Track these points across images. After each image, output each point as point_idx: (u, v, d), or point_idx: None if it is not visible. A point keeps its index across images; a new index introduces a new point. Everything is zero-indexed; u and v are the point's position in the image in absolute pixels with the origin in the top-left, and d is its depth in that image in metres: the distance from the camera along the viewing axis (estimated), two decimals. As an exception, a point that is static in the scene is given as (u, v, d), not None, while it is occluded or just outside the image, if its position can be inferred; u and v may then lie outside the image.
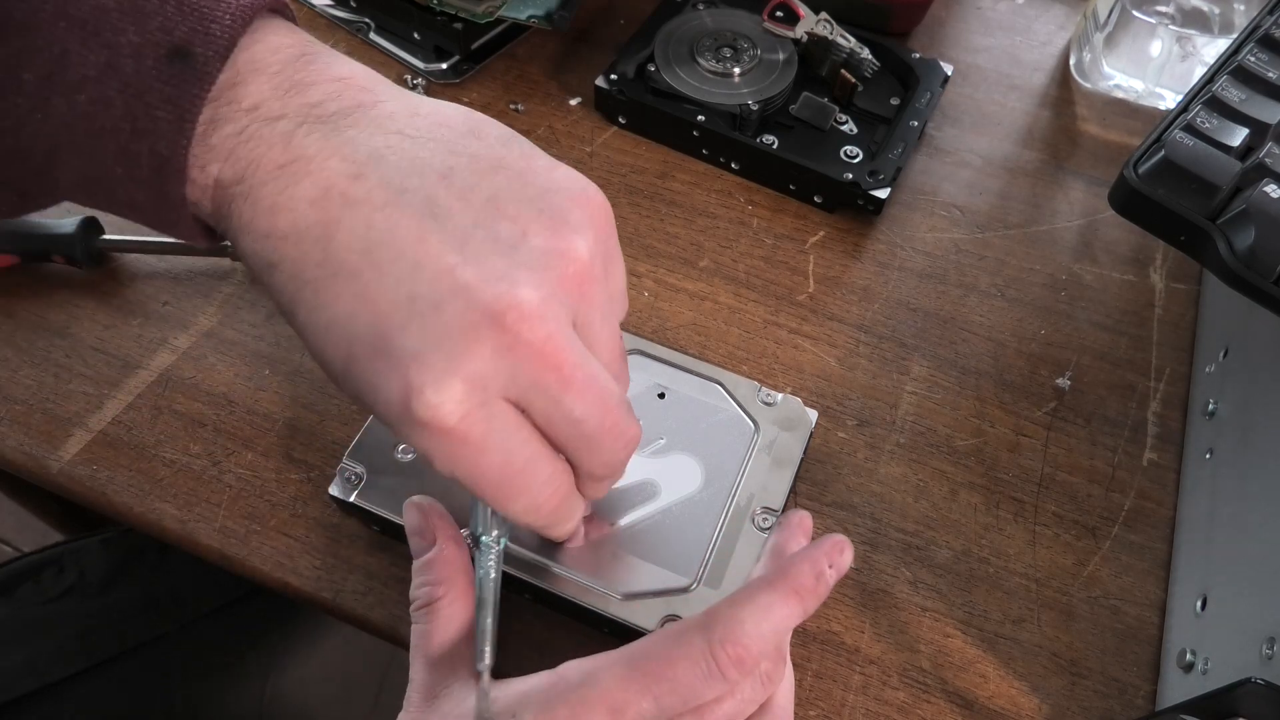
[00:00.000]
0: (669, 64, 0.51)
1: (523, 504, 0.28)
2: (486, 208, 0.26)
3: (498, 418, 0.26)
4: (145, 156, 0.26)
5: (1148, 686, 0.36)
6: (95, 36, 0.25)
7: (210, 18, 0.25)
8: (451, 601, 0.32)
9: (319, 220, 0.25)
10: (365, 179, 0.25)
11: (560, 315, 0.26)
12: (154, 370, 0.42)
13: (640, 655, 0.28)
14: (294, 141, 0.25)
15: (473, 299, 0.24)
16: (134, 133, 0.25)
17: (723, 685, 0.27)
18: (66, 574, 0.55)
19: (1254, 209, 0.32)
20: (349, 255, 0.25)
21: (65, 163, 0.26)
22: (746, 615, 0.28)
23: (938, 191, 0.51)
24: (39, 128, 0.25)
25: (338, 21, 0.57)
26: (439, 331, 0.24)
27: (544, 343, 0.25)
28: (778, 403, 0.39)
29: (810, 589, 0.29)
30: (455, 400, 0.24)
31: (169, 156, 0.25)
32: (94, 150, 0.26)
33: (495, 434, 0.26)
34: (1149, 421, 0.43)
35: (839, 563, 0.30)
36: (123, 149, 0.26)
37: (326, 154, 0.25)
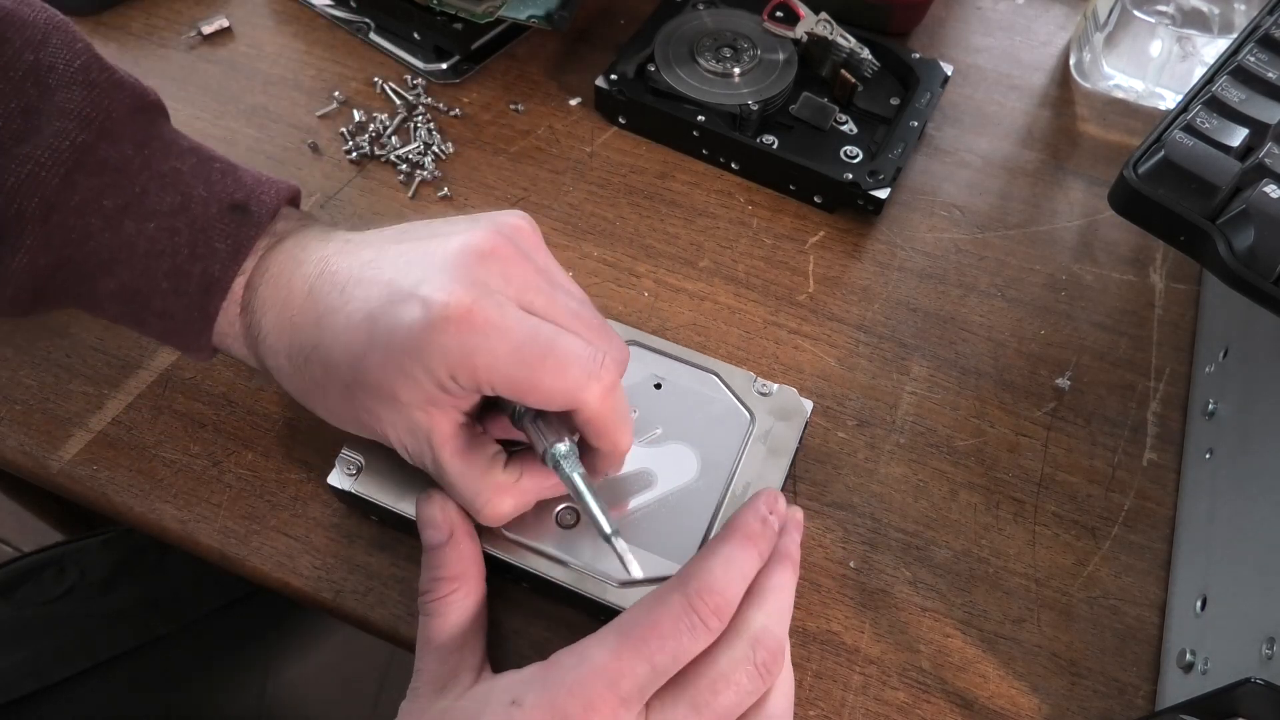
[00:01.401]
0: (669, 64, 0.51)
1: (572, 373, 0.30)
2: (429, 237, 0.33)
3: (508, 305, 0.30)
4: (197, 276, 0.33)
5: (1148, 686, 0.36)
6: (172, 186, 0.33)
7: (262, 190, 0.34)
8: (465, 595, 0.33)
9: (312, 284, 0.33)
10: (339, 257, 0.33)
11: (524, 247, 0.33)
12: (154, 370, 0.42)
13: (626, 624, 0.29)
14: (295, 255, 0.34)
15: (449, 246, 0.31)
16: (192, 257, 0.33)
17: (707, 635, 0.29)
18: (67, 574, 0.55)
19: (1254, 209, 0.32)
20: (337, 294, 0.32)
21: (115, 274, 0.33)
22: (714, 565, 0.30)
23: (938, 191, 0.51)
24: (105, 241, 0.32)
25: (338, 22, 0.57)
26: (428, 268, 0.31)
27: (524, 252, 0.32)
28: (773, 393, 0.39)
29: (759, 533, 0.32)
30: (463, 290, 0.30)
31: (219, 277, 0.33)
32: (148, 267, 0.33)
33: (511, 315, 0.30)
34: (1149, 421, 0.43)
35: (778, 509, 0.34)
36: (177, 268, 0.33)
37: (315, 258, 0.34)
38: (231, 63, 0.54)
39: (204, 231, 0.33)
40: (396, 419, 0.32)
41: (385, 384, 0.31)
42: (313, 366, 0.32)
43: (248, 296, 0.34)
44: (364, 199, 0.49)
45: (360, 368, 0.31)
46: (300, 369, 0.33)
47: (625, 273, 0.47)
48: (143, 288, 0.33)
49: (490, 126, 0.52)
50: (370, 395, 0.31)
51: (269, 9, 0.57)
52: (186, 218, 0.33)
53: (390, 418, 0.32)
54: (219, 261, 0.33)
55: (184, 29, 0.56)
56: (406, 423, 0.32)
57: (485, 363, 0.30)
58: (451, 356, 0.29)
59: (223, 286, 0.33)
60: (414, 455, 0.33)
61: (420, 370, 0.30)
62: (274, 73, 0.54)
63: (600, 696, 0.28)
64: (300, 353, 0.33)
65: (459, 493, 0.33)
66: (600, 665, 0.28)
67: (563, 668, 0.29)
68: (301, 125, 0.52)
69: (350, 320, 0.31)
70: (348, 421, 0.33)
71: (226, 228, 0.33)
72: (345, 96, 0.53)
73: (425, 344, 0.29)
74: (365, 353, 0.31)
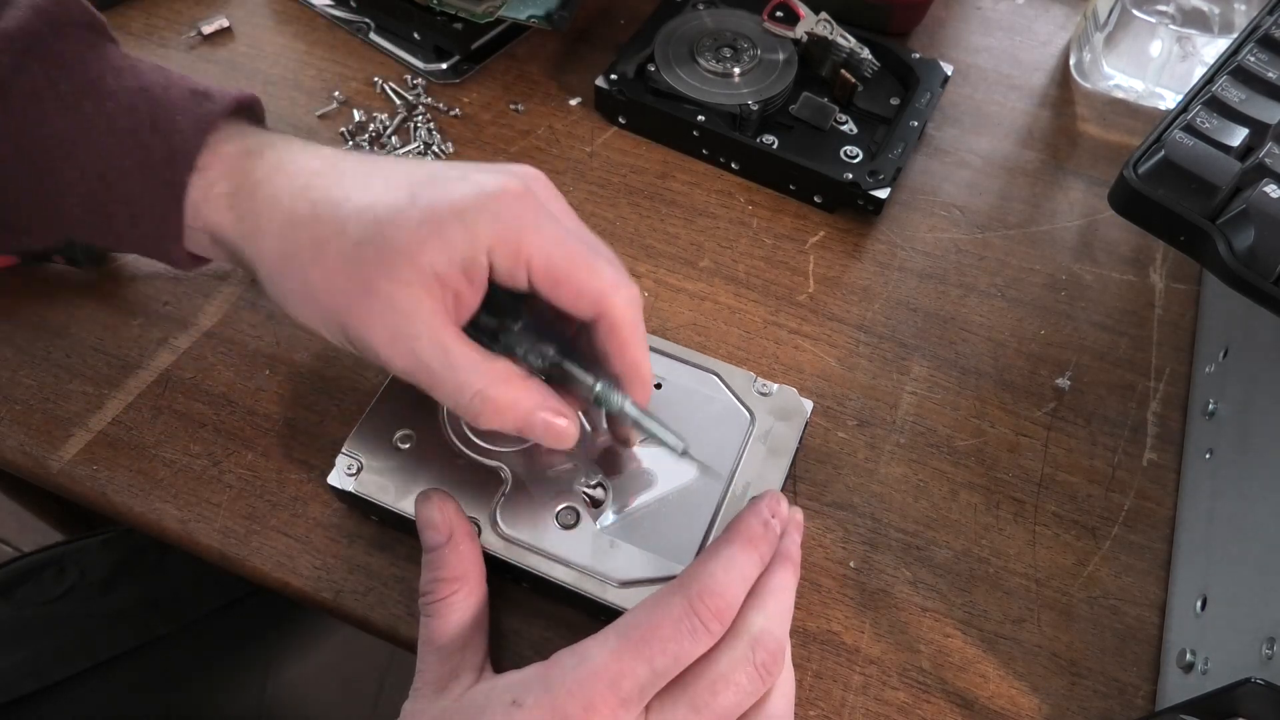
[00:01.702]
0: (669, 64, 0.51)
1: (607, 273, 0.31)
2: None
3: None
4: (160, 150, 0.31)
5: (1148, 686, 0.36)
6: (129, 73, 0.32)
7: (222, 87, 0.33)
8: (466, 596, 0.33)
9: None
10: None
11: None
12: (154, 370, 0.42)
13: (628, 626, 0.29)
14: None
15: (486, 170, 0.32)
16: (154, 130, 0.31)
17: (708, 638, 0.29)
18: (67, 574, 0.55)
19: (1254, 209, 0.32)
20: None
21: (75, 160, 0.31)
22: (716, 568, 0.30)
23: (938, 191, 0.51)
24: (62, 125, 0.31)
25: (338, 22, 0.57)
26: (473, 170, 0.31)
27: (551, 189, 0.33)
28: (773, 393, 0.39)
29: (761, 536, 0.32)
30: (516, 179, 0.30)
31: (183, 149, 0.31)
32: (109, 147, 0.31)
33: (557, 212, 0.31)
34: (1149, 421, 0.43)
35: (780, 512, 0.33)
36: (140, 144, 0.31)
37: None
38: (231, 63, 0.54)
39: (165, 108, 0.32)
40: (395, 292, 0.29)
41: (408, 242, 0.29)
42: (322, 222, 0.30)
43: (237, 182, 0.32)
44: (364, 199, 0.49)
45: (388, 222, 0.29)
46: (304, 224, 0.31)
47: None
48: (105, 170, 0.31)
49: (490, 126, 0.52)
50: (381, 254, 0.29)
51: (269, 9, 0.57)
52: (146, 97, 0.32)
53: (389, 289, 0.29)
54: (181, 134, 0.31)
55: (184, 29, 0.56)
56: (406, 297, 0.29)
57: (533, 240, 0.29)
58: (502, 224, 0.29)
59: (188, 157, 0.31)
60: (400, 337, 0.30)
61: (461, 232, 0.29)
62: (274, 73, 0.54)
63: (601, 697, 0.28)
64: (311, 209, 0.31)
65: (456, 379, 0.30)
66: (601, 666, 0.28)
67: (563, 668, 0.29)
68: (301, 125, 0.52)
69: (392, 182, 0.30)
70: (326, 293, 0.31)
71: (188, 105, 0.32)
72: (345, 96, 0.53)
73: (477, 208, 0.29)
74: (402, 209, 0.30)
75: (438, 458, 0.37)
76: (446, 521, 0.33)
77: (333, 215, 0.30)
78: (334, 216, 0.30)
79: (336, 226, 0.30)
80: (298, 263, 0.31)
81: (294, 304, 0.32)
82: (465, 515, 0.34)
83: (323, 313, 0.31)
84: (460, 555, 0.33)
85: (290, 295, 0.32)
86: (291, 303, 0.32)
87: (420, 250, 0.29)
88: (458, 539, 0.33)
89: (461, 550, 0.33)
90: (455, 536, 0.33)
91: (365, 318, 0.30)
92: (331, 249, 0.30)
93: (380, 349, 0.30)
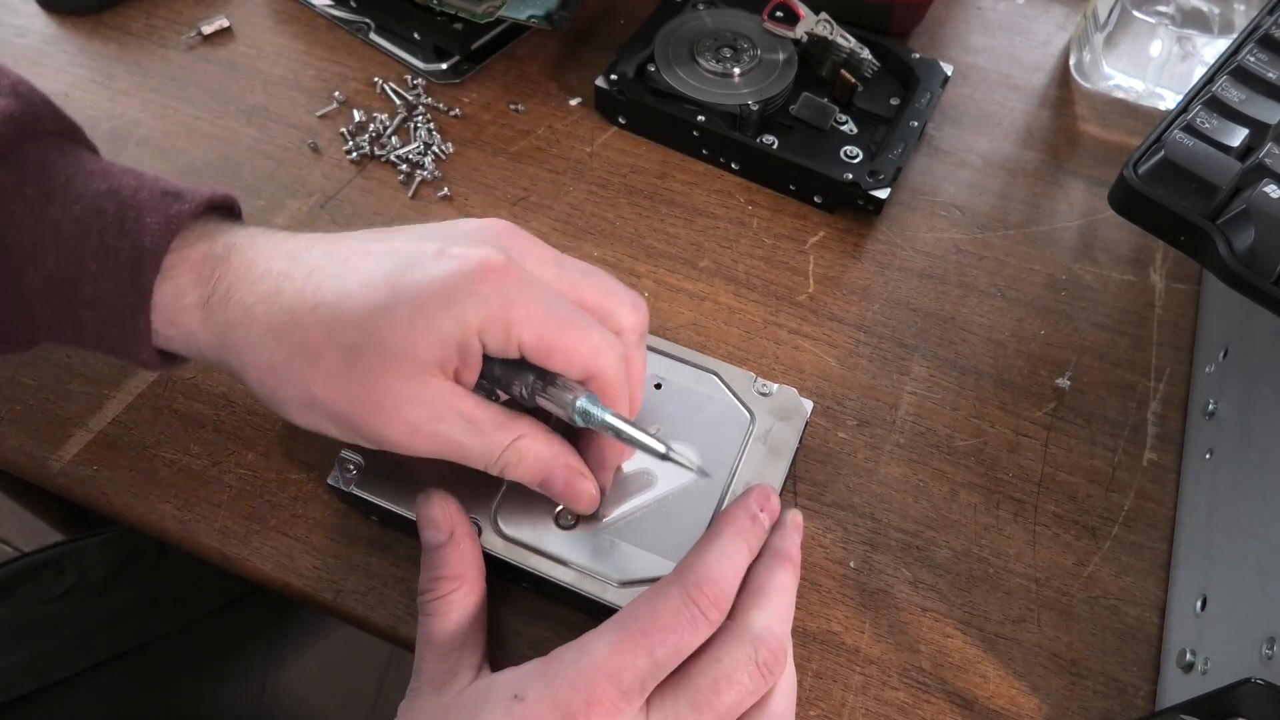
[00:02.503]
0: (669, 64, 0.51)
1: (594, 336, 0.31)
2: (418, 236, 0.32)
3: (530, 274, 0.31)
4: (127, 251, 0.31)
5: (1148, 686, 0.36)
6: (99, 176, 0.32)
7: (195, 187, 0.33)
8: (465, 594, 0.33)
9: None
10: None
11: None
12: (154, 370, 0.42)
13: (627, 619, 0.29)
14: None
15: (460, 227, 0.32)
16: (120, 233, 0.31)
17: (707, 627, 0.29)
18: (66, 574, 0.55)
19: (1254, 209, 0.32)
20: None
21: (40, 265, 0.31)
22: (710, 558, 0.31)
23: (938, 191, 0.51)
24: (28, 228, 0.31)
25: (338, 22, 0.57)
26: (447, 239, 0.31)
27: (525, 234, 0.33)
28: (773, 393, 0.39)
29: (749, 529, 0.33)
30: (494, 250, 0.30)
31: (150, 249, 0.31)
32: (74, 250, 0.31)
33: (539, 276, 0.31)
34: (1149, 421, 0.43)
35: (768, 506, 0.34)
36: (105, 246, 0.31)
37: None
38: (231, 63, 0.54)
39: (133, 209, 0.31)
40: (406, 388, 0.30)
41: (404, 340, 0.29)
42: (305, 330, 0.30)
43: (210, 288, 0.31)
44: (364, 199, 0.49)
45: (377, 323, 0.29)
46: (286, 333, 0.30)
47: (625, 273, 0.47)
48: (71, 273, 0.31)
49: (490, 126, 0.52)
50: (381, 356, 0.29)
51: (269, 9, 0.57)
52: (114, 199, 0.31)
53: (399, 387, 0.29)
54: (149, 235, 0.31)
55: (184, 29, 0.56)
56: (419, 389, 0.30)
57: (520, 316, 0.29)
58: (489, 307, 0.29)
59: (154, 258, 0.31)
60: (422, 426, 0.30)
61: (450, 321, 0.29)
62: (274, 73, 0.54)
63: (602, 689, 0.28)
64: (289, 316, 0.30)
65: (487, 445, 0.31)
66: (601, 659, 0.28)
67: (563, 662, 0.29)
68: (301, 125, 0.52)
69: (367, 279, 0.30)
70: (331, 400, 0.30)
71: (157, 205, 0.31)
72: (345, 96, 0.53)
73: (462, 293, 0.29)
74: (388, 306, 0.29)
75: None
76: (448, 520, 0.33)
77: (314, 321, 0.30)
78: (316, 322, 0.30)
79: (324, 333, 0.30)
80: (292, 372, 0.30)
81: (295, 411, 0.31)
82: (466, 515, 0.34)
83: (331, 417, 0.31)
84: (460, 554, 0.33)
85: (289, 404, 0.31)
86: (293, 410, 0.31)
87: (417, 346, 0.29)
88: (458, 537, 0.33)
89: (462, 549, 0.33)
90: (456, 535, 0.33)
91: (381, 416, 0.30)
92: (327, 357, 0.30)
93: (402, 440, 0.31)
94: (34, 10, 0.56)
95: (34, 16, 0.55)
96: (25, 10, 0.56)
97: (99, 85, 0.52)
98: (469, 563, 0.33)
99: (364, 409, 0.30)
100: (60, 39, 0.54)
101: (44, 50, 0.54)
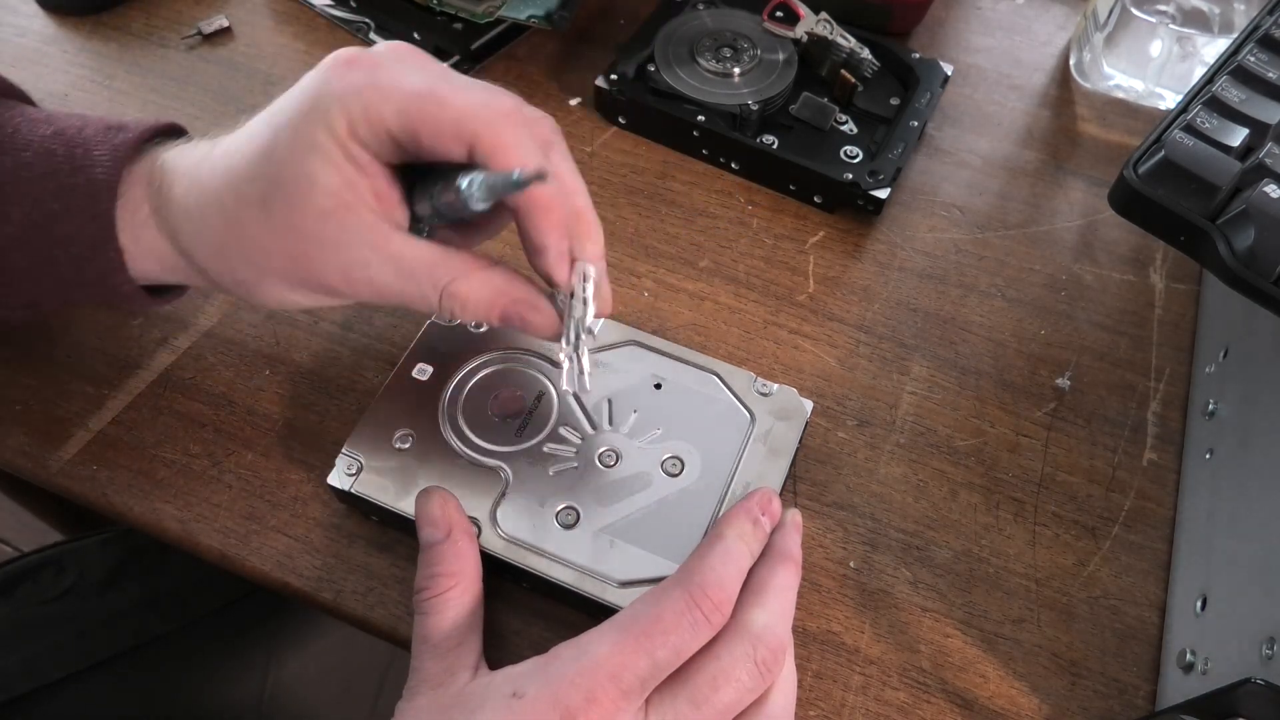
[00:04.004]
0: (669, 64, 0.51)
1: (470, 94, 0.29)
2: None
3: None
4: (83, 186, 0.31)
5: (1148, 686, 0.36)
6: (44, 121, 0.33)
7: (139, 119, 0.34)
8: (462, 593, 0.33)
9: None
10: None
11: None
12: (154, 370, 0.42)
13: (628, 619, 0.29)
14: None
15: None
16: (73, 170, 0.31)
17: (708, 629, 0.29)
18: (66, 574, 0.55)
19: (1254, 209, 0.32)
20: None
21: (8, 217, 0.32)
22: (714, 561, 0.31)
23: (938, 191, 0.51)
24: None
25: (338, 22, 0.57)
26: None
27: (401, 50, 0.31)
28: (773, 393, 0.39)
29: (751, 532, 0.33)
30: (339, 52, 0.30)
31: (104, 179, 0.31)
32: (34, 194, 0.31)
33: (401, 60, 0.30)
34: (1149, 421, 0.43)
35: (770, 509, 0.34)
36: (62, 186, 0.31)
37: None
38: (231, 63, 0.54)
39: (81, 145, 0.32)
40: (321, 226, 0.29)
41: (296, 170, 0.28)
42: (223, 201, 0.30)
43: (156, 196, 0.32)
44: (364, 199, 0.49)
45: (269, 163, 0.29)
46: (212, 212, 0.31)
47: (625, 273, 0.47)
48: (37, 218, 0.32)
49: (490, 126, 0.52)
50: (285, 199, 0.29)
51: (269, 9, 0.57)
52: (62, 140, 0.32)
53: (315, 226, 0.29)
54: (101, 167, 0.32)
55: (184, 29, 0.56)
56: (333, 225, 0.29)
57: (374, 97, 0.28)
58: (344, 100, 0.28)
59: (110, 188, 0.31)
60: (351, 271, 0.30)
61: (322, 132, 0.28)
62: (274, 73, 0.54)
63: (601, 689, 0.28)
64: (210, 195, 0.31)
65: (419, 288, 0.30)
66: (602, 658, 0.28)
67: (564, 660, 0.29)
68: (301, 125, 0.52)
69: (251, 131, 0.30)
70: (273, 262, 0.30)
71: (103, 139, 0.32)
72: (345, 96, 0.53)
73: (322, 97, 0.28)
74: (271, 142, 0.29)
75: (437, 458, 0.37)
76: (446, 518, 0.33)
77: (226, 188, 0.30)
78: (228, 188, 0.30)
79: (236, 197, 0.30)
80: (232, 248, 0.31)
81: (258, 291, 0.31)
82: (465, 514, 0.34)
83: (281, 282, 0.31)
84: (458, 552, 0.33)
85: (246, 285, 0.31)
86: (255, 292, 0.32)
87: (312, 172, 0.28)
88: (455, 536, 0.33)
89: (459, 547, 0.33)
90: (453, 533, 0.33)
91: (312, 267, 0.30)
92: (247, 219, 0.30)
93: (343, 287, 0.30)
94: (34, 10, 0.56)
95: (34, 16, 0.55)
96: (25, 10, 0.56)
97: (99, 85, 0.52)
98: (466, 561, 0.33)
99: (298, 261, 0.30)
100: (60, 39, 0.54)
101: (44, 50, 0.54)
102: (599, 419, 0.38)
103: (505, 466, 0.36)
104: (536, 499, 0.36)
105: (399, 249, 0.30)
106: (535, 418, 0.38)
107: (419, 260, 0.30)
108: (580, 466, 0.37)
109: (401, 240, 0.30)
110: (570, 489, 0.36)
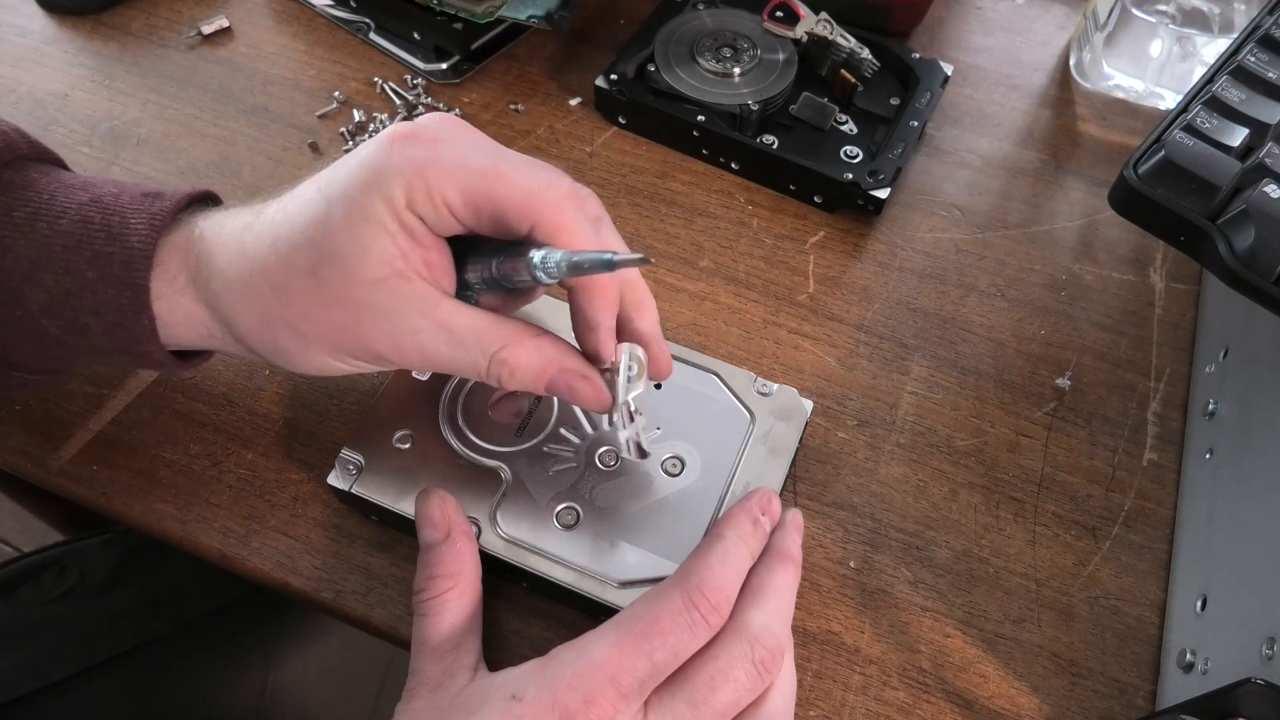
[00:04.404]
0: (669, 64, 0.51)
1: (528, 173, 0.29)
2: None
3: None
4: (119, 255, 0.31)
5: (1148, 686, 0.36)
6: (81, 189, 0.33)
7: (174, 187, 0.34)
8: (461, 594, 0.33)
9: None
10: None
11: None
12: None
13: (627, 621, 0.29)
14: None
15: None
16: (109, 238, 0.31)
17: (707, 631, 0.29)
18: (67, 574, 0.55)
19: (1254, 209, 0.32)
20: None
21: (40, 282, 0.31)
22: (712, 563, 0.31)
23: (938, 191, 0.51)
24: (22, 251, 0.31)
25: (338, 22, 0.57)
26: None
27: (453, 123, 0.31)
28: (773, 393, 0.39)
29: (751, 533, 0.33)
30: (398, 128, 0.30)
31: (139, 248, 0.31)
32: (68, 262, 0.31)
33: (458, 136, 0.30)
34: (1149, 421, 0.43)
35: (770, 510, 0.34)
36: (97, 254, 0.31)
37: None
38: (231, 63, 0.54)
39: (117, 214, 0.32)
40: (373, 296, 0.29)
41: (350, 242, 0.28)
42: (270, 269, 0.30)
43: (194, 264, 0.32)
44: (364, 199, 0.49)
45: (322, 233, 0.29)
46: (256, 280, 0.30)
47: (625, 273, 0.47)
48: (71, 285, 0.31)
49: (490, 126, 0.52)
50: (336, 267, 0.29)
51: (269, 9, 0.57)
52: (98, 208, 0.32)
53: (367, 297, 0.29)
54: (137, 236, 0.31)
55: (184, 29, 0.56)
56: (386, 295, 0.29)
57: (437, 175, 0.28)
58: (405, 175, 0.28)
59: (145, 257, 0.31)
60: (400, 339, 0.30)
61: (380, 205, 0.28)
62: (274, 73, 0.54)
63: (600, 690, 0.28)
64: (256, 264, 0.30)
65: (470, 357, 0.30)
66: (600, 660, 0.28)
67: (562, 662, 0.29)
68: (301, 125, 0.52)
69: (301, 200, 0.30)
70: (317, 332, 0.30)
71: (140, 206, 0.32)
72: (345, 96, 0.53)
73: (381, 170, 0.28)
74: (325, 213, 0.29)
75: (437, 458, 0.37)
76: (445, 519, 0.33)
77: (274, 256, 0.30)
78: (276, 256, 0.30)
79: (284, 265, 0.30)
80: (275, 316, 0.30)
81: (299, 358, 0.31)
82: (464, 515, 0.34)
83: (330, 350, 0.31)
84: (457, 553, 0.33)
85: (288, 353, 0.31)
86: (297, 358, 0.31)
87: (365, 243, 0.28)
88: (455, 536, 0.33)
89: (458, 548, 0.33)
90: (453, 534, 0.33)
91: (362, 333, 0.30)
92: (295, 287, 0.30)
93: (390, 355, 0.30)
94: (34, 10, 0.56)
95: (34, 16, 0.55)
96: (25, 10, 0.56)
97: (99, 85, 0.52)
98: (465, 562, 0.33)
99: (347, 330, 0.30)
100: (60, 39, 0.55)
101: (44, 50, 0.54)
102: (599, 419, 0.38)
103: (505, 467, 0.36)
104: (536, 499, 0.36)
105: (449, 316, 0.30)
106: (535, 418, 0.38)
107: (469, 328, 0.30)
108: (580, 467, 0.37)
109: (452, 307, 0.30)
110: (570, 489, 0.36)
